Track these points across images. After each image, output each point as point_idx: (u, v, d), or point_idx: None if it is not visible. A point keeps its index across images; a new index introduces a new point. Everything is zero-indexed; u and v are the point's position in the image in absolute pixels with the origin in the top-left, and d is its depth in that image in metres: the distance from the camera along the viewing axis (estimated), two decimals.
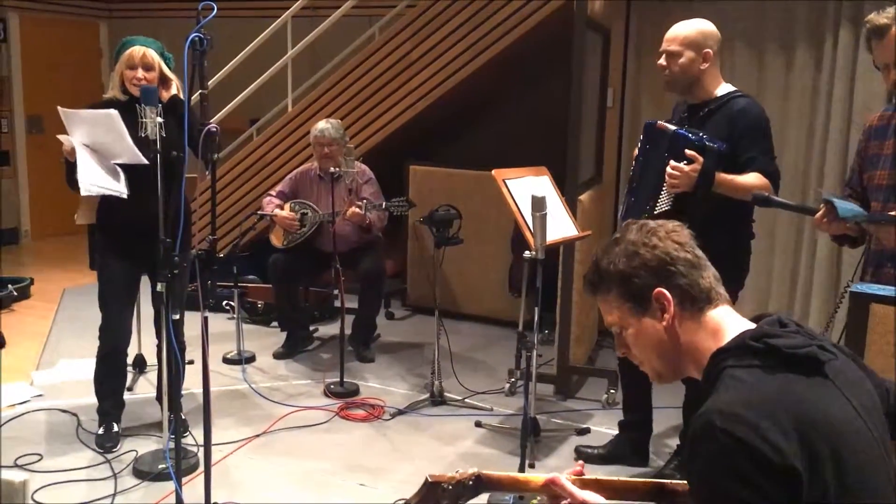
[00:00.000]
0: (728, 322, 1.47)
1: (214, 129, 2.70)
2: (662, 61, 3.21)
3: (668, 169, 3.03)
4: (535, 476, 1.62)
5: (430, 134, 6.64)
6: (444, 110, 6.15)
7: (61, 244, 7.79)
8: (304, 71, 7.09)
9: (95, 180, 3.24)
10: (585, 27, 4.17)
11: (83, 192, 3.22)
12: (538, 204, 3.08)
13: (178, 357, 2.86)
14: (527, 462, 3.53)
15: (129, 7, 8.75)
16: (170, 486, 3.24)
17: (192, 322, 3.07)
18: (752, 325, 1.46)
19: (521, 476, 1.60)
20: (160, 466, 3.41)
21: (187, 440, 3.69)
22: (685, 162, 3.01)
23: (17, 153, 8.11)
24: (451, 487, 1.52)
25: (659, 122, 3.24)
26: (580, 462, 1.67)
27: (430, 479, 1.52)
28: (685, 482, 1.53)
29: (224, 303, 5.71)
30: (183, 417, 3.83)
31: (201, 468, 3.37)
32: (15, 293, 5.94)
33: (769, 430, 1.24)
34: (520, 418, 3.77)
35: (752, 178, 3.04)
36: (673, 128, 3.12)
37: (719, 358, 1.42)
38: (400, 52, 5.83)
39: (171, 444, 3.63)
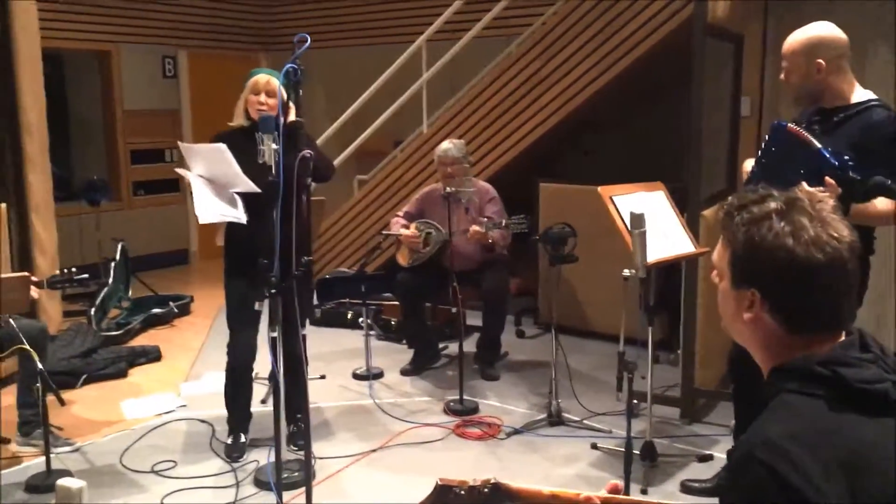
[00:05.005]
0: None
1: (308, 155, 2.82)
2: (783, 75, 3.03)
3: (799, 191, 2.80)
4: (563, 490, 1.49)
5: (559, 150, 6.58)
6: (576, 126, 6.09)
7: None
8: (444, 93, 7.25)
9: (212, 208, 3.45)
10: (704, 35, 4.01)
11: (200, 220, 3.45)
12: (636, 221, 2.99)
13: (274, 371, 2.98)
14: (638, 487, 3.43)
15: (286, 40, 9.25)
16: (287, 495, 3.38)
17: (321, 339, 3.16)
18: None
19: (545, 490, 1.46)
20: None
21: None
22: (820, 189, 2.76)
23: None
24: (463, 493, 1.41)
25: (790, 124, 2.99)
26: (616, 483, 1.51)
27: (440, 483, 1.42)
28: None
29: (360, 320, 5.90)
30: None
31: (316, 480, 3.51)
32: (176, 310, 6.42)
33: (811, 469, 1.15)
34: (640, 441, 3.66)
35: (888, 205, 2.76)
36: (818, 145, 2.82)
37: (780, 377, 1.30)
38: (530, 69, 5.83)
39: (291, 456, 3.81)
